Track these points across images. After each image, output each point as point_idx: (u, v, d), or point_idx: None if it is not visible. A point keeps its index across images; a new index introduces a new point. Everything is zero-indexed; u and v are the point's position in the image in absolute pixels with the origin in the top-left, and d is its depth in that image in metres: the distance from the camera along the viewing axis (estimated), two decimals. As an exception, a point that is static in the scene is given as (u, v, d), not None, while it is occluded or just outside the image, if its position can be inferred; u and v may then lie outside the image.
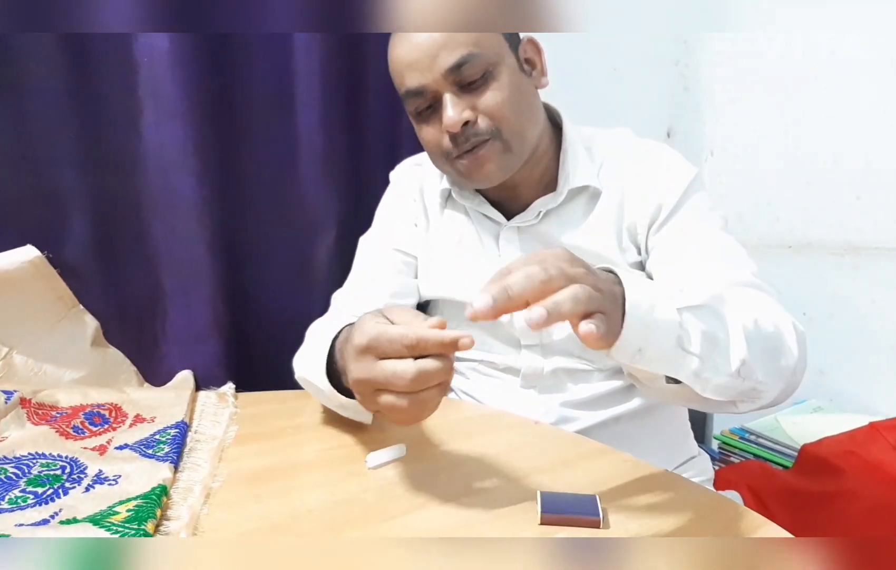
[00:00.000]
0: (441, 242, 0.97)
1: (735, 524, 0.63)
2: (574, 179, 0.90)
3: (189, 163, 1.02)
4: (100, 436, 0.76)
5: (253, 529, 0.59)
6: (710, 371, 0.62)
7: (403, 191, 1.02)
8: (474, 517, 0.63)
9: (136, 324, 1.03)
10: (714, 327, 0.63)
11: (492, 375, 0.96)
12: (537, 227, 0.91)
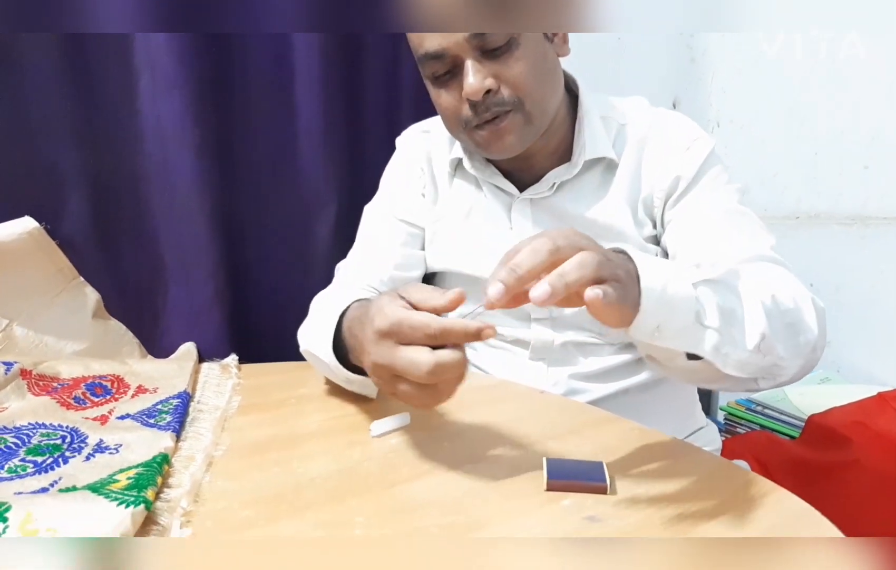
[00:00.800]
0: (450, 214, 0.95)
1: (744, 491, 0.62)
2: (590, 149, 0.87)
3: (187, 136, 1.00)
4: (101, 406, 0.76)
5: (256, 497, 0.58)
6: (730, 346, 0.62)
7: (410, 159, 0.99)
8: (479, 484, 0.62)
9: (137, 299, 1.02)
10: (731, 301, 0.63)
11: (500, 347, 0.95)
12: (550, 199, 0.89)
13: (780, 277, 0.74)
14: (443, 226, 0.96)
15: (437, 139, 0.97)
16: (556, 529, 0.54)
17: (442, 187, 0.97)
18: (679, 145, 0.87)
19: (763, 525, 0.56)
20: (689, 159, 0.86)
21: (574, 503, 0.58)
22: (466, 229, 0.94)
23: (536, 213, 0.90)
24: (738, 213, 0.84)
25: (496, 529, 0.54)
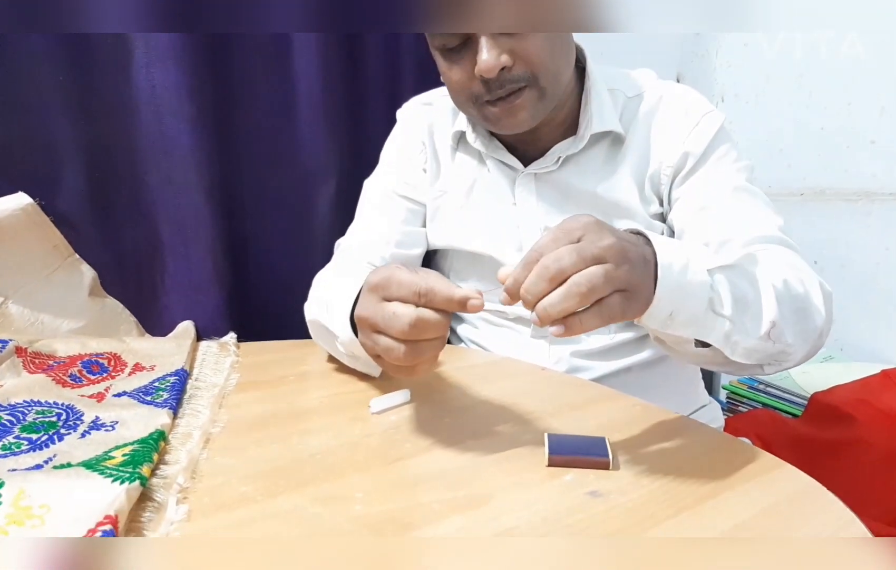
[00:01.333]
0: (452, 189, 0.94)
1: (748, 466, 0.61)
2: (597, 123, 0.85)
3: (183, 109, 0.99)
4: (97, 384, 0.75)
5: (254, 473, 0.57)
6: (741, 334, 0.62)
7: (411, 133, 0.97)
8: (480, 459, 0.61)
9: (135, 275, 1.01)
10: (744, 288, 0.62)
11: (502, 324, 0.94)
12: (556, 174, 0.88)
13: (788, 259, 0.74)
14: (445, 202, 0.94)
15: (439, 112, 0.95)
16: (557, 504, 0.53)
17: (444, 162, 0.95)
18: (688, 121, 0.85)
19: (767, 501, 0.55)
20: (697, 135, 0.84)
21: (576, 479, 0.57)
22: (469, 205, 0.93)
23: (541, 188, 0.88)
24: (746, 191, 0.82)
25: (497, 504, 0.53)
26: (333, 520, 0.50)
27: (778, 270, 0.68)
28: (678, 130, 0.85)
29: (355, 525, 0.50)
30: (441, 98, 0.94)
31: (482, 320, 0.96)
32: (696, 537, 0.49)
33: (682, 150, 0.84)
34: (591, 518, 0.51)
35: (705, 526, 0.51)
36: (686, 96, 0.87)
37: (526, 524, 0.50)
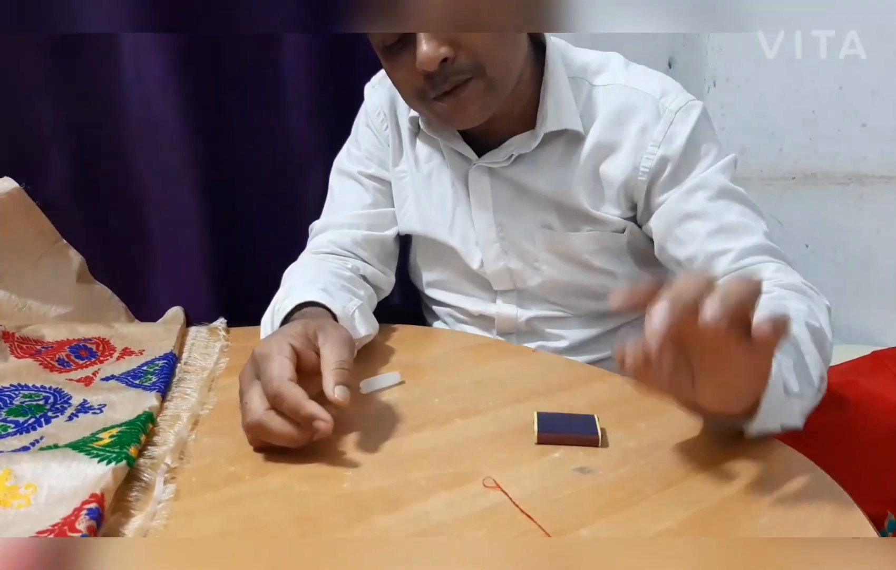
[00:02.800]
0: (412, 173, 0.91)
1: (737, 443, 0.61)
2: (552, 120, 0.80)
3: (170, 94, 0.97)
4: (86, 369, 0.74)
5: (242, 453, 0.57)
6: (809, 402, 0.60)
7: (375, 109, 0.93)
8: (470, 437, 0.61)
9: (123, 262, 1.00)
10: (797, 353, 0.59)
11: (468, 323, 0.94)
12: (508, 170, 0.84)
13: (789, 280, 0.71)
14: (406, 185, 0.92)
15: None
16: (545, 480, 0.53)
17: (406, 143, 0.92)
18: (662, 123, 0.79)
19: (753, 475, 0.55)
20: (672, 137, 0.79)
21: (565, 455, 0.57)
22: (429, 193, 0.90)
23: (494, 182, 0.85)
24: (730, 195, 0.78)
25: (486, 481, 0.53)
26: (321, 498, 0.51)
27: (806, 310, 0.65)
28: (651, 134, 0.79)
29: (343, 503, 0.50)
30: None
31: (449, 315, 0.95)
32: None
33: (659, 154, 0.79)
34: (578, 494, 0.52)
35: (692, 501, 0.51)
36: (658, 89, 0.81)
37: (514, 500, 0.50)
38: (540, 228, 0.84)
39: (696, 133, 0.79)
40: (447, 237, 0.89)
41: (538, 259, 0.85)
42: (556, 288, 0.87)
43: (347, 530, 0.46)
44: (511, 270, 0.87)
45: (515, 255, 0.86)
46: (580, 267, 0.85)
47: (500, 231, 0.85)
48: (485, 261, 0.87)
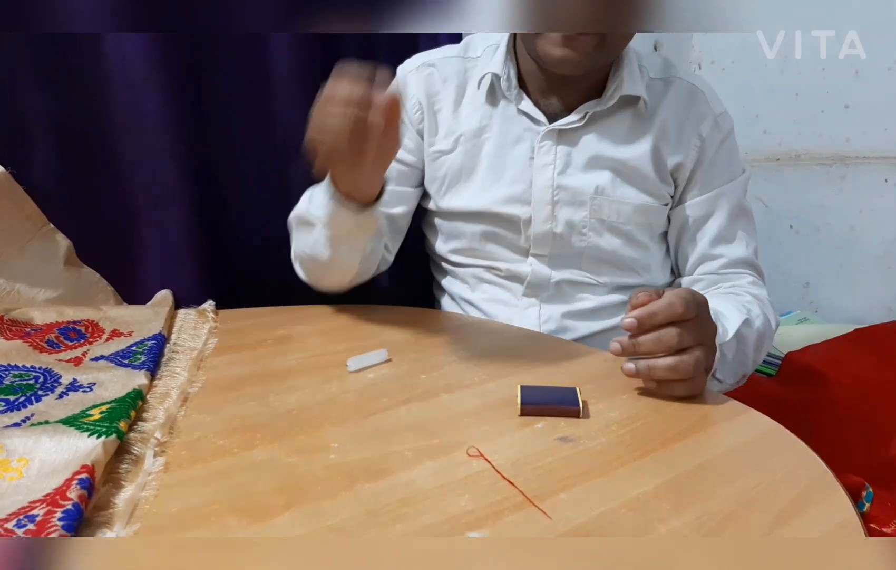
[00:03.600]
0: (462, 143, 0.93)
1: (715, 411, 0.63)
2: (627, 86, 0.86)
3: (155, 78, 0.97)
4: (75, 350, 0.75)
5: (231, 428, 0.58)
6: (723, 388, 0.79)
7: (412, 99, 0.95)
8: (455, 410, 0.62)
9: (110, 245, 1.00)
10: (736, 352, 0.77)
11: (494, 281, 0.95)
12: (580, 131, 0.88)
13: (756, 292, 0.88)
14: (445, 162, 0.94)
15: (443, 73, 0.94)
16: (528, 448, 0.55)
17: (444, 119, 0.94)
18: (708, 120, 0.88)
19: (731, 442, 0.57)
20: (714, 137, 0.89)
21: (547, 426, 0.59)
22: (480, 162, 0.92)
23: (561, 146, 0.88)
24: (741, 211, 0.91)
25: (470, 450, 0.54)
26: (308, 468, 0.52)
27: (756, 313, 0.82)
28: (699, 128, 0.88)
29: (330, 473, 0.51)
30: (445, 59, 0.95)
31: (474, 277, 0.96)
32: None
33: (701, 148, 0.88)
34: (559, 461, 0.53)
35: (670, 466, 0.53)
36: (707, 91, 0.91)
37: (496, 467, 0.52)
38: (595, 195, 0.88)
39: (730, 141, 0.91)
40: (492, 202, 0.91)
41: (586, 225, 0.89)
42: (593, 255, 0.91)
43: (333, 498, 0.48)
44: (555, 233, 0.90)
45: (564, 220, 0.89)
46: (623, 238, 0.90)
47: (556, 194, 0.88)
48: (534, 220, 0.90)
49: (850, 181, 1.72)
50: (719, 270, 0.90)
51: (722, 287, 0.89)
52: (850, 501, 0.50)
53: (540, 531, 0.44)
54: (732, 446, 0.56)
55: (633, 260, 0.91)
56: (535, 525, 0.45)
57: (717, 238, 0.90)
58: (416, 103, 0.95)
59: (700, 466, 0.53)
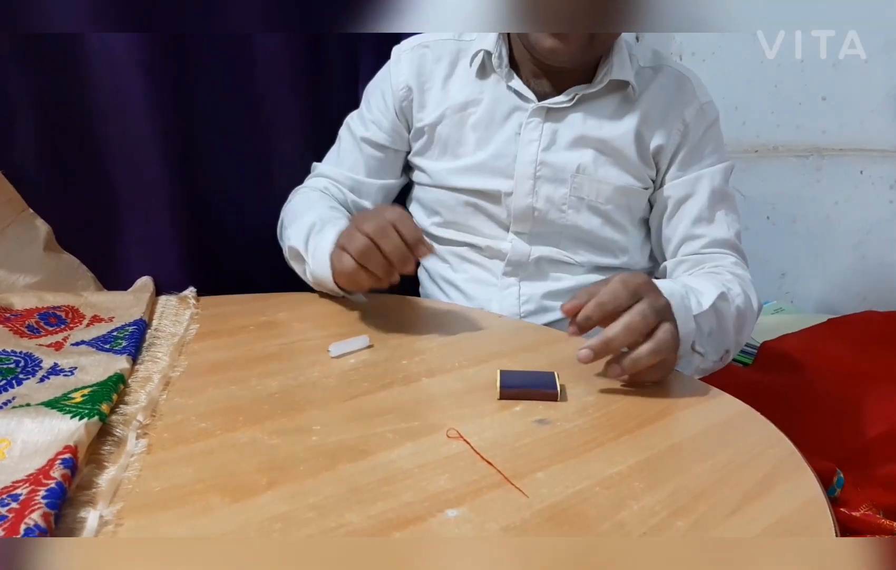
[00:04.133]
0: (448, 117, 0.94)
1: (688, 394, 0.65)
2: (616, 70, 0.88)
3: (138, 61, 0.96)
4: (56, 335, 0.75)
5: (213, 411, 0.59)
6: (706, 364, 0.78)
7: (401, 84, 0.96)
8: (435, 394, 0.64)
9: (91, 231, 1.00)
10: (714, 324, 0.76)
11: (475, 260, 0.96)
12: (568, 110, 0.90)
13: (738, 272, 0.88)
14: (437, 131, 0.95)
15: (436, 54, 0.96)
16: (506, 430, 0.56)
17: (433, 96, 0.95)
18: (693, 106, 0.90)
19: (704, 423, 0.59)
20: (698, 124, 0.90)
21: (525, 409, 0.60)
22: (466, 135, 0.93)
23: (548, 123, 0.90)
24: (723, 195, 0.92)
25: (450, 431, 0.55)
26: (290, 449, 0.52)
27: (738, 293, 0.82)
28: (683, 113, 0.90)
29: (312, 454, 0.52)
30: (439, 40, 0.96)
31: (454, 254, 0.98)
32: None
33: (683, 133, 0.90)
34: (536, 442, 0.54)
35: (644, 447, 0.54)
36: (694, 79, 0.93)
37: (474, 448, 0.53)
38: (576, 173, 0.90)
39: (714, 129, 0.92)
40: (475, 173, 0.93)
41: (566, 202, 0.91)
42: (572, 234, 0.92)
43: (315, 477, 0.48)
44: (536, 209, 0.91)
45: (545, 195, 0.91)
46: (601, 218, 0.92)
47: (538, 169, 0.90)
48: (515, 194, 0.91)
49: (826, 173, 1.75)
50: (701, 250, 0.91)
51: (705, 267, 0.90)
52: (820, 483, 0.52)
53: (517, 509, 0.45)
54: (705, 428, 0.58)
55: (611, 241, 0.93)
56: (512, 503, 0.46)
57: (697, 218, 0.91)
58: (404, 85, 0.96)
59: (673, 446, 0.54)
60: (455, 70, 0.95)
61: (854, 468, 1.06)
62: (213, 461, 0.50)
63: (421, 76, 0.96)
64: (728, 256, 0.91)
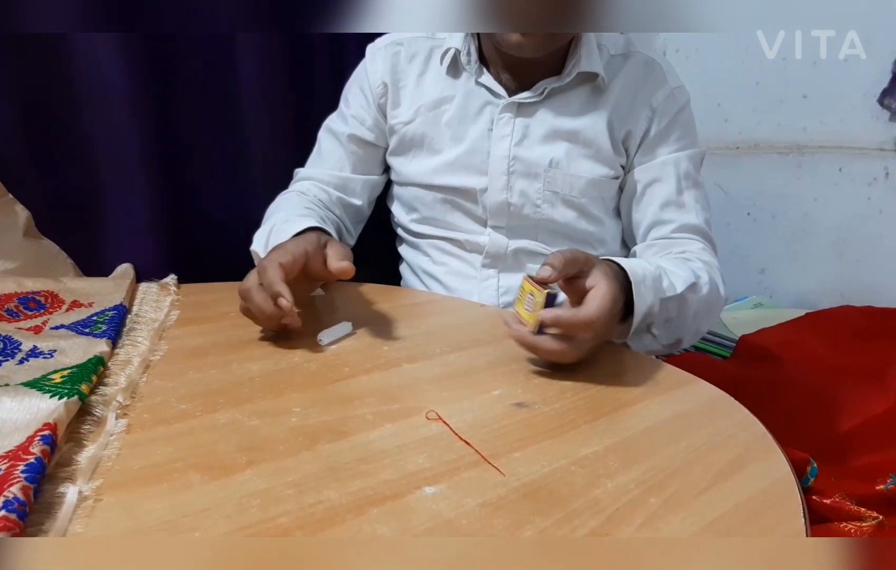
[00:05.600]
0: (422, 115, 0.94)
1: (664, 380, 0.66)
2: (585, 63, 0.88)
3: (120, 49, 0.96)
4: (35, 319, 0.75)
5: (193, 393, 0.59)
6: (655, 345, 0.78)
7: (377, 80, 0.97)
8: (415, 378, 0.64)
9: (71, 218, 0.99)
10: (673, 311, 0.77)
11: (454, 253, 0.97)
12: (538, 105, 0.90)
13: (706, 258, 0.88)
14: (411, 130, 0.95)
15: (409, 52, 0.96)
16: (485, 413, 0.57)
17: (407, 92, 0.96)
18: (662, 90, 0.90)
19: (679, 408, 0.60)
20: (667, 109, 0.90)
21: (504, 392, 0.61)
22: (440, 131, 0.94)
23: (519, 119, 0.91)
24: (691, 180, 0.92)
25: (429, 414, 0.56)
26: (270, 430, 0.53)
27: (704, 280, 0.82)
28: (651, 99, 0.90)
29: (292, 434, 0.52)
30: (413, 39, 0.96)
31: (434, 247, 0.98)
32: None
33: (652, 118, 0.90)
34: (514, 424, 0.55)
35: (619, 429, 0.55)
36: (665, 65, 0.93)
37: (453, 429, 0.53)
38: (549, 167, 0.90)
39: (683, 114, 0.92)
40: (450, 171, 0.93)
41: (540, 197, 0.91)
42: (548, 227, 0.93)
43: (295, 456, 0.49)
44: (511, 204, 0.92)
45: (519, 190, 0.91)
46: (576, 211, 0.92)
47: (512, 165, 0.91)
48: (490, 190, 0.92)
49: (806, 170, 1.77)
50: (670, 235, 0.91)
51: (673, 251, 0.90)
52: (790, 464, 0.53)
53: (493, 487, 0.46)
54: (680, 411, 0.59)
55: (587, 233, 0.94)
56: (489, 481, 0.47)
57: (666, 203, 0.91)
58: (380, 82, 0.96)
59: (648, 428, 0.55)
60: (428, 67, 0.95)
61: (828, 460, 1.07)
62: (193, 441, 0.51)
63: (395, 73, 0.96)
64: (696, 242, 0.91)
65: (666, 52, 1.92)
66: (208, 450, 0.49)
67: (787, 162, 1.79)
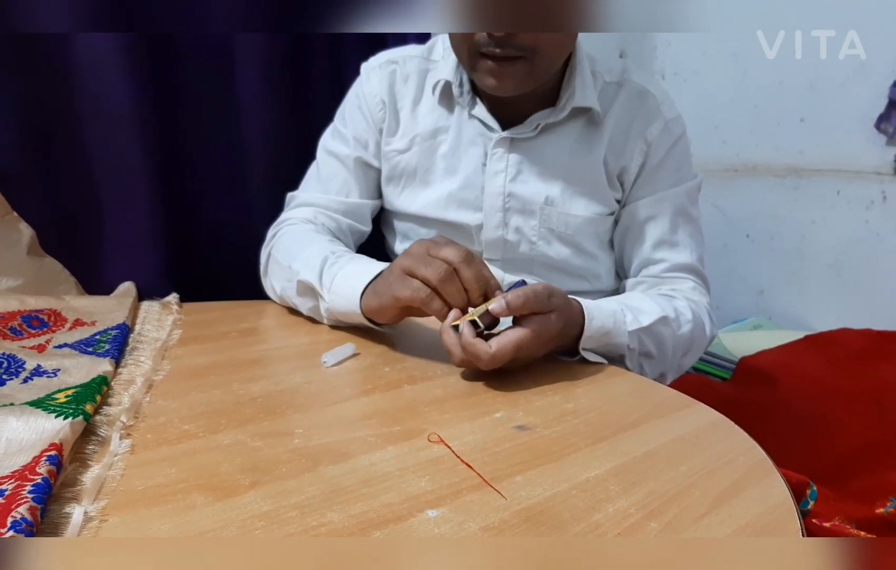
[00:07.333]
0: (412, 145, 0.94)
1: (663, 404, 0.67)
2: (579, 97, 0.87)
3: (121, 64, 0.97)
4: (38, 337, 0.75)
5: (196, 414, 0.59)
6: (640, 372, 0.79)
7: (374, 98, 0.96)
8: (418, 399, 0.64)
9: (73, 235, 1.00)
10: (651, 349, 0.79)
11: None
12: (532, 141, 0.90)
13: (694, 299, 0.89)
14: (402, 160, 0.95)
15: (404, 72, 0.95)
16: (486, 436, 0.57)
17: (404, 119, 0.95)
18: (656, 123, 0.89)
19: (678, 432, 0.60)
20: (662, 142, 0.89)
21: (505, 415, 0.61)
22: (432, 159, 0.93)
23: (513, 153, 0.90)
24: (685, 217, 0.92)
25: (431, 436, 0.56)
26: (273, 451, 0.53)
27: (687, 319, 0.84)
28: (646, 132, 0.89)
29: (294, 456, 0.53)
30: (407, 57, 0.95)
31: None
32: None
33: (647, 152, 0.89)
34: (515, 447, 0.55)
35: (619, 452, 0.55)
36: (660, 95, 0.91)
37: (455, 451, 0.54)
38: (545, 205, 0.90)
39: (678, 147, 0.91)
40: (444, 208, 0.93)
41: (536, 234, 0.91)
42: (544, 262, 0.93)
43: (297, 478, 0.49)
44: (506, 241, 0.92)
45: (515, 227, 0.91)
46: (572, 248, 0.92)
47: (507, 201, 0.90)
48: (486, 226, 0.92)
49: (803, 192, 1.78)
50: (661, 274, 0.91)
51: (662, 289, 0.90)
52: (789, 489, 0.54)
53: (495, 510, 0.46)
54: (680, 435, 0.59)
55: (582, 268, 0.93)
56: (491, 504, 0.47)
57: (659, 242, 0.91)
58: (378, 101, 0.96)
59: (648, 452, 0.56)
60: (423, 94, 0.95)
61: (828, 483, 1.07)
62: (197, 462, 0.51)
63: (392, 94, 0.96)
64: (687, 281, 0.91)
65: (664, 76, 1.94)
66: (211, 471, 0.50)
67: (784, 184, 1.80)
